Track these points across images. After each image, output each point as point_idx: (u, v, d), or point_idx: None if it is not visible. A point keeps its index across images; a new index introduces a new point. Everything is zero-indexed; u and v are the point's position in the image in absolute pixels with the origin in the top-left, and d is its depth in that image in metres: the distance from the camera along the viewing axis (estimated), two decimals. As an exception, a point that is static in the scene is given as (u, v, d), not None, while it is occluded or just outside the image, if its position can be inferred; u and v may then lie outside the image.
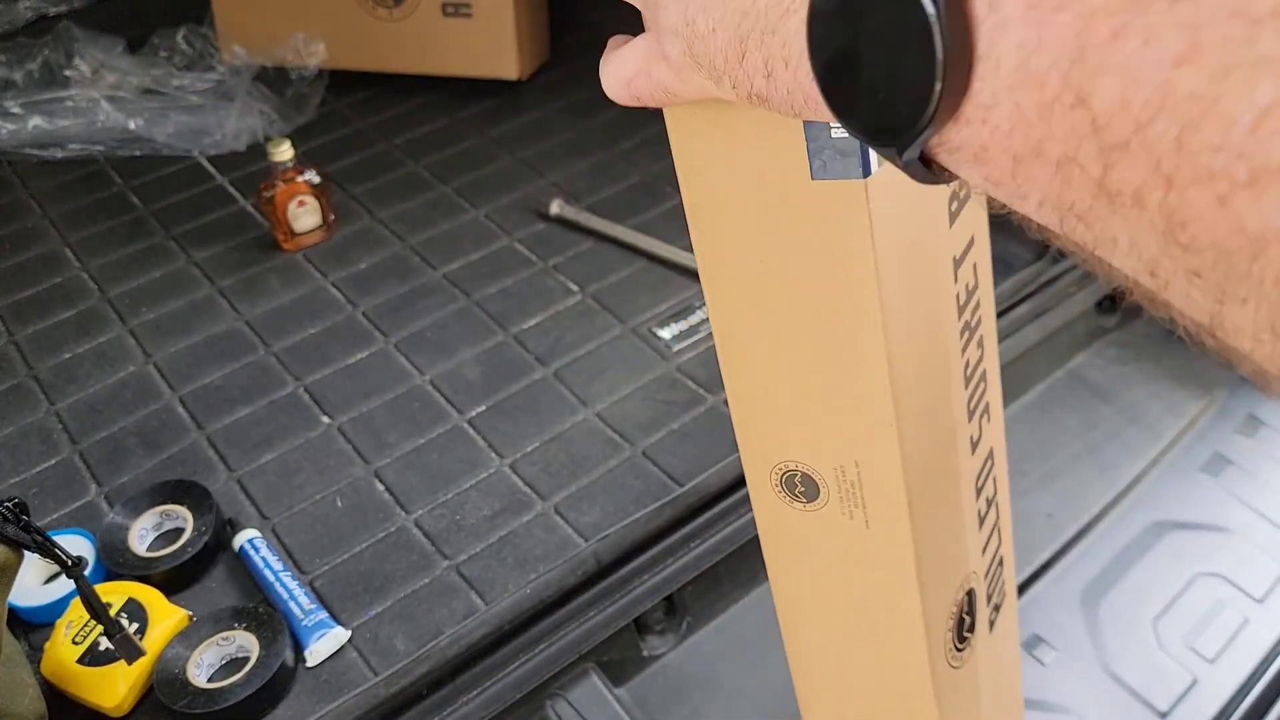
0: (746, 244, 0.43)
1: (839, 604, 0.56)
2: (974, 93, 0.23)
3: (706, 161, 0.42)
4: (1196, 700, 0.85)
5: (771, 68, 0.29)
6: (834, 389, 0.45)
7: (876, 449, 0.46)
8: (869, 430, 0.45)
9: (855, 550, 0.51)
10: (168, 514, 0.95)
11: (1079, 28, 0.20)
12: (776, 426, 0.49)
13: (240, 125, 1.45)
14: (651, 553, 0.93)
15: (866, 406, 0.45)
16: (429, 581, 0.91)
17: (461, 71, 1.53)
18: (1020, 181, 0.23)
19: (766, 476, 0.51)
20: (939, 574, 0.52)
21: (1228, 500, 0.99)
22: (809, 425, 0.48)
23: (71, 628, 0.84)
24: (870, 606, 0.54)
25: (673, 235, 1.26)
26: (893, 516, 0.48)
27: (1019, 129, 0.22)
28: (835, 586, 0.55)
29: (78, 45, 1.50)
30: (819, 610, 0.58)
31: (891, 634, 0.54)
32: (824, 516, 0.51)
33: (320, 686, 0.84)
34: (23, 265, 1.29)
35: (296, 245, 1.29)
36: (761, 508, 0.54)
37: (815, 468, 0.49)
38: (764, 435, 0.50)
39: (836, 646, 0.60)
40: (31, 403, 1.10)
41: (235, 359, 1.14)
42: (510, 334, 1.15)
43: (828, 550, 0.53)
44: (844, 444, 0.47)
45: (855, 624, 0.56)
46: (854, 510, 0.49)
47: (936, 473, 0.50)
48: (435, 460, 1.01)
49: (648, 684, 0.89)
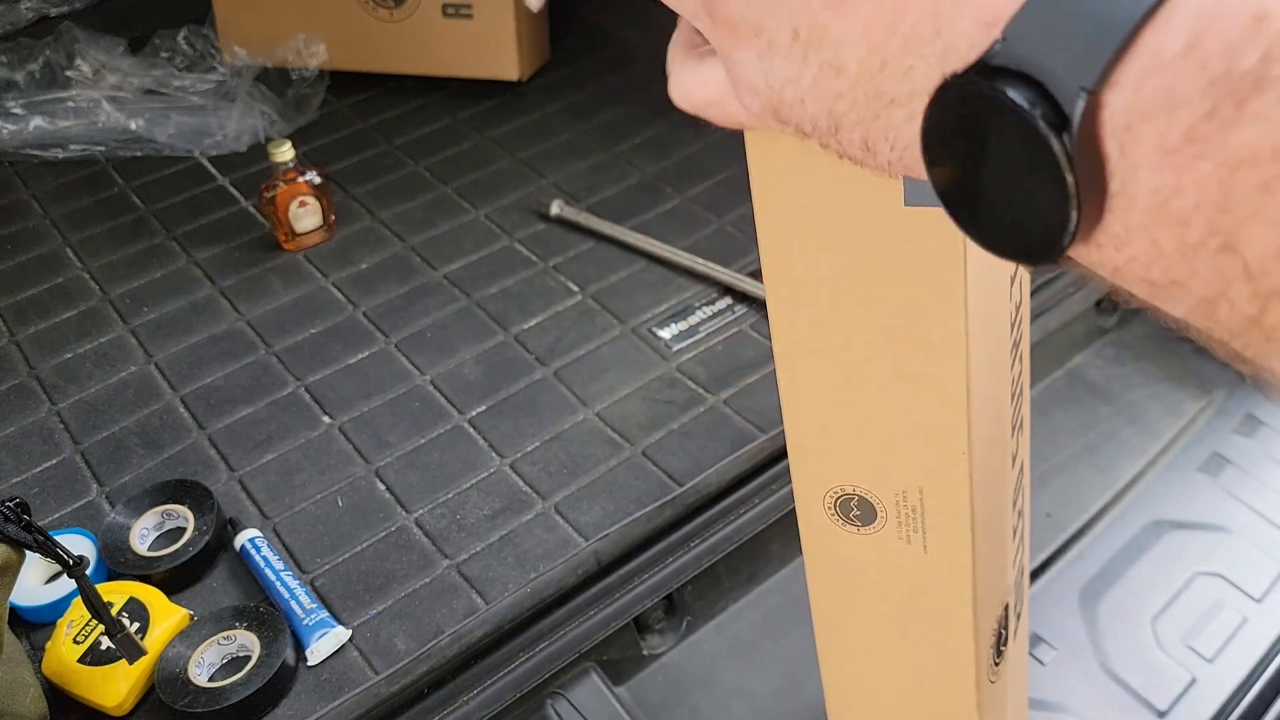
0: (823, 268, 0.41)
1: (886, 624, 0.55)
2: (1106, 224, 0.23)
3: (786, 180, 0.40)
4: (1195, 699, 0.86)
5: (873, 145, 0.27)
6: (907, 417, 0.44)
7: (945, 477, 0.45)
8: (940, 459, 0.44)
9: (910, 574, 0.50)
10: (169, 513, 0.95)
11: (1223, 176, 0.20)
12: (837, 451, 0.48)
13: (241, 126, 1.45)
14: (651, 552, 0.93)
15: (941, 436, 0.44)
16: (429, 581, 0.91)
17: (462, 72, 1.54)
18: (1160, 300, 0.23)
19: (820, 498, 0.50)
20: (989, 594, 0.52)
21: (1226, 500, 0.99)
22: (873, 451, 0.47)
23: (73, 627, 0.85)
24: (920, 627, 0.53)
25: (672, 236, 1.26)
26: (955, 542, 0.47)
27: (1157, 263, 0.22)
28: (884, 607, 0.54)
29: (79, 46, 1.50)
30: (863, 630, 0.57)
31: (941, 654, 0.54)
32: (879, 540, 0.50)
33: (321, 685, 0.84)
34: (24, 265, 1.29)
35: (297, 245, 1.29)
36: (810, 528, 0.53)
37: (875, 493, 0.48)
38: (821, 459, 0.49)
39: (879, 665, 0.59)
40: (33, 402, 1.10)
41: (236, 359, 1.14)
42: (510, 334, 1.16)
43: (879, 573, 0.51)
44: (910, 471, 0.46)
45: (902, 643, 0.56)
46: (912, 535, 0.48)
47: (994, 495, 0.49)
48: (436, 460, 1.02)
49: (648, 683, 0.90)
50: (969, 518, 0.46)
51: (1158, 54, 0.21)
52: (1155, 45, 0.21)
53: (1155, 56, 0.21)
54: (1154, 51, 0.21)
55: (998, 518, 0.51)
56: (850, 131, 0.27)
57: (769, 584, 0.97)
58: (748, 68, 0.28)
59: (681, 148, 1.43)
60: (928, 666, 0.56)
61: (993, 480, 0.48)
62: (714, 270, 1.19)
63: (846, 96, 0.26)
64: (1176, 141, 0.21)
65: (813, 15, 0.26)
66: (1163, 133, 0.21)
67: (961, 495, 0.45)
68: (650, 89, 1.55)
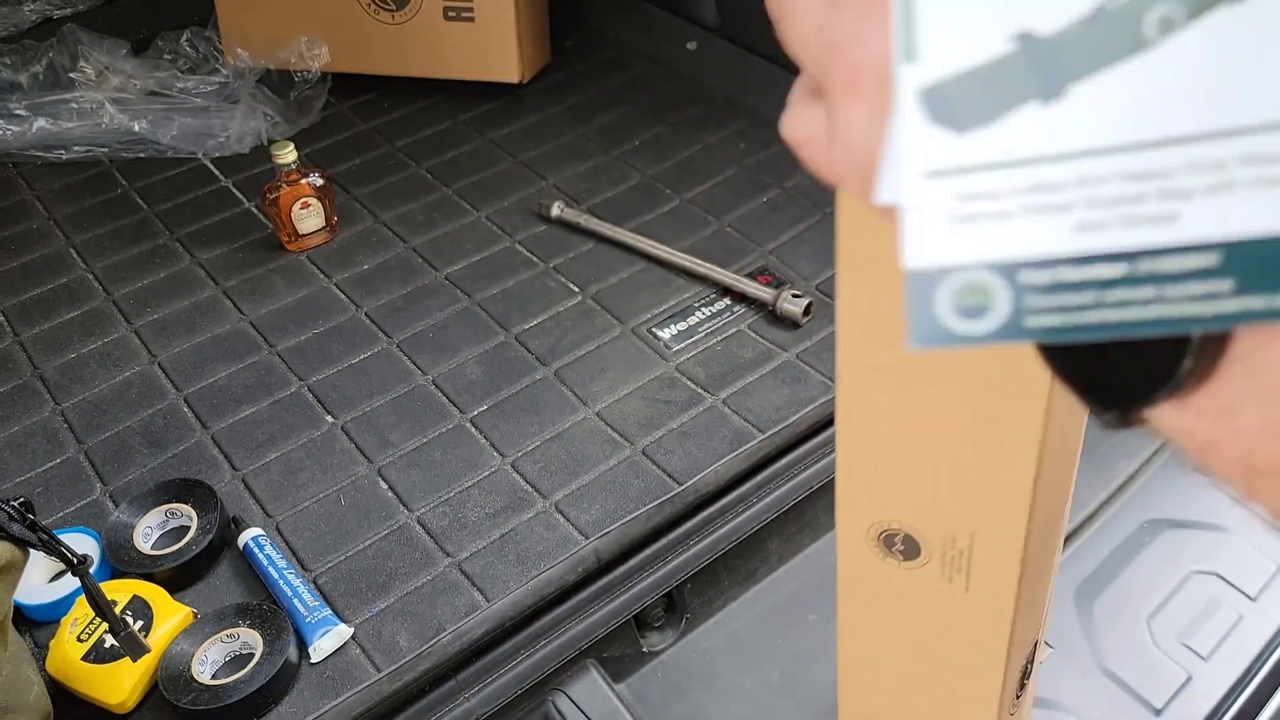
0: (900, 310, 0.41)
1: (914, 655, 0.55)
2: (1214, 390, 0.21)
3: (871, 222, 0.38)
4: (1191, 697, 0.86)
5: None
6: (972, 465, 0.43)
7: (1001, 527, 0.44)
8: (999, 511, 0.44)
9: (947, 612, 0.50)
10: (172, 512, 0.96)
11: None
12: (889, 489, 0.47)
13: (244, 128, 1.46)
14: (651, 550, 0.94)
15: (1004, 489, 0.43)
16: (431, 579, 0.91)
17: (463, 74, 1.54)
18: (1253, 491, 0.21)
19: (864, 531, 0.50)
20: (1024, 635, 0.51)
21: (1222, 499, 1.00)
22: (928, 494, 0.46)
23: (77, 625, 0.85)
24: (950, 662, 0.53)
25: (672, 237, 1.27)
26: (999, 588, 0.47)
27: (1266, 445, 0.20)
28: (914, 639, 0.53)
29: (82, 48, 1.51)
30: (889, 657, 0.57)
31: (967, 690, 0.53)
32: (919, 576, 0.49)
33: (324, 683, 0.85)
34: (28, 266, 1.30)
35: (300, 247, 1.30)
36: (849, 556, 0.52)
37: (923, 532, 0.47)
38: (871, 494, 0.48)
39: (901, 693, 0.58)
40: (37, 402, 1.11)
41: (239, 359, 1.15)
42: (511, 334, 1.16)
43: (915, 607, 0.51)
44: (966, 517, 0.45)
45: (928, 675, 0.55)
46: (955, 575, 0.48)
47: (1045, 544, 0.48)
48: (437, 459, 1.02)
49: (647, 679, 0.90)
50: (1018, 570, 0.45)
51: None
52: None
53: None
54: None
55: (1044, 565, 0.50)
56: None
57: (767, 582, 0.97)
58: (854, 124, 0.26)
59: (681, 150, 1.43)
60: (951, 700, 0.56)
61: (1046, 530, 0.47)
62: (713, 271, 1.20)
63: None
64: None
65: None
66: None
67: (1014, 547, 0.45)
68: (650, 91, 1.56)
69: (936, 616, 0.51)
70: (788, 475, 1.00)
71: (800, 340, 1.12)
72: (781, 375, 1.08)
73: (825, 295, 1.17)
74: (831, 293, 1.17)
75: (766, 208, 1.31)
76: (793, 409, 1.03)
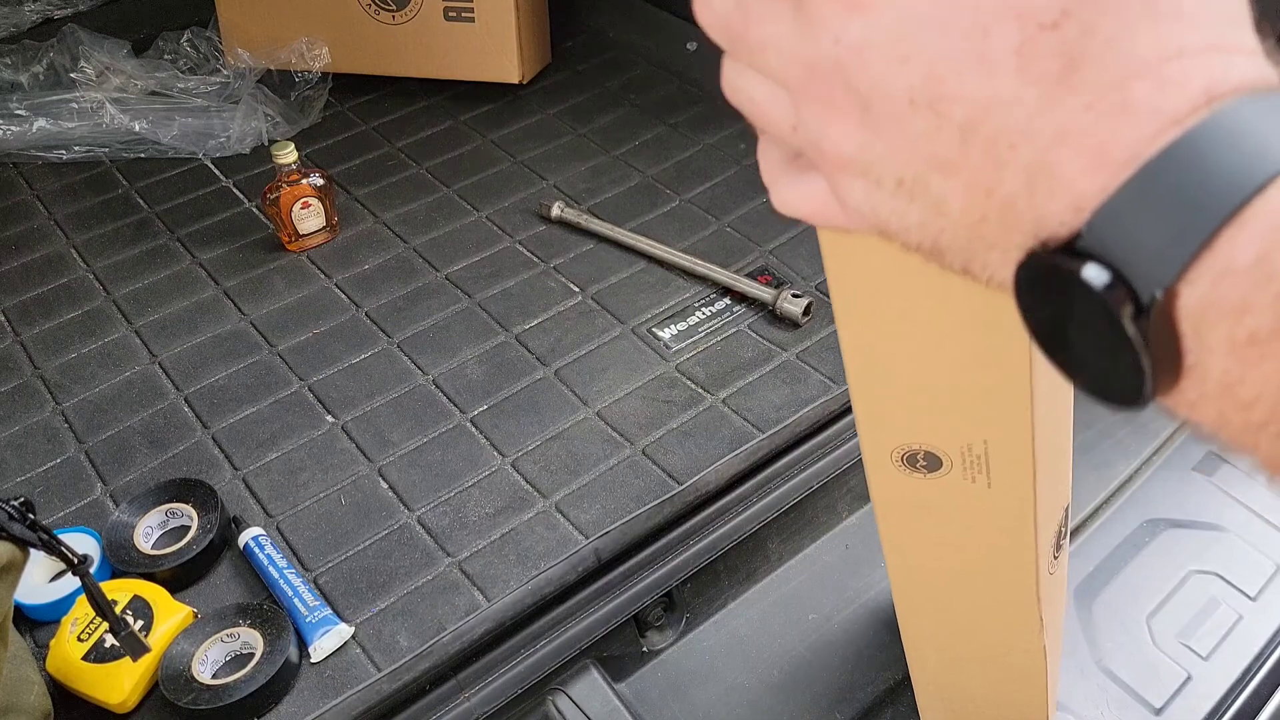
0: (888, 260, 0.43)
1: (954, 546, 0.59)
2: (1183, 389, 0.25)
3: None
4: (1190, 697, 0.86)
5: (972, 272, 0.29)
6: (971, 384, 0.47)
7: (1010, 427, 0.48)
8: (1004, 418, 0.48)
9: (977, 506, 0.54)
10: (173, 512, 0.96)
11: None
12: (903, 416, 0.51)
13: (245, 128, 1.46)
14: (651, 550, 0.94)
15: (1007, 397, 0.46)
16: (431, 578, 0.91)
17: (464, 75, 1.54)
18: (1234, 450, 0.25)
19: (887, 455, 0.54)
20: (1049, 509, 0.56)
21: (1221, 498, 1.00)
22: (939, 415, 0.50)
23: (77, 625, 0.85)
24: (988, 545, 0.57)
25: (672, 237, 1.27)
26: (1019, 478, 0.51)
27: (1225, 431, 0.24)
28: (950, 530, 0.58)
29: (83, 48, 1.51)
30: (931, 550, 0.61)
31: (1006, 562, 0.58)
32: (945, 483, 0.53)
33: (324, 682, 0.85)
34: (28, 266, 1.30)
35: (300, 247, 1.30)
36: (879, 479, 0.57)
37: (941, 448, 0.51)
38: (888, 423, 0.53)
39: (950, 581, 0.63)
40: (38, 402, 1.11)
41: (240, 359, 1.15)
42: (512, 334, 1.16)
43: (946, 508, 0.55)
44: (975, 428, 0.49)
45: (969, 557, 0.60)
46: (977, 476, 0.52)
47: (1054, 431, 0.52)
48: (438, 458, 1.02)
49: (647, 679, 0.90)
50: (1031, 461, 0.49)
51: (1230, 262, 0.23)
52: (1229, 254, 0.23)
53: (1228, 263, 0.23)
54: (1227, 259, 0.23)
55: (1058, 449, 0.54)
56: (953, 258, 0.29)
57: (767, 581, 0.97)
58: (855, 196, 0.29)
59: (680, 150, 1.43)
60: (997, 576, 0.60)
61: (1053, 420, 0.51)
62: (713, 271, 1.20)
63: (949, 232, 0.28)
64: (1243, 341, 0.23)
65: (916, 169, 0.27)
66: (1231, 331, 0.23)
67: (1025, 442, 0.48)
68: (649, 92, 1.56)
69: (968, 512, 0.55)
70: (788, 475, 1.00)
71: (800, 340, 1.12)
72: (781, 375, 1.08)
73: (825, 295, 1.17)
74: (831, 293, 1.17)
75: (766, 208, 1.31)
76: (792, 409, 1.03)
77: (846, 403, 1.05)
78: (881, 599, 0.94)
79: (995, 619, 0.65)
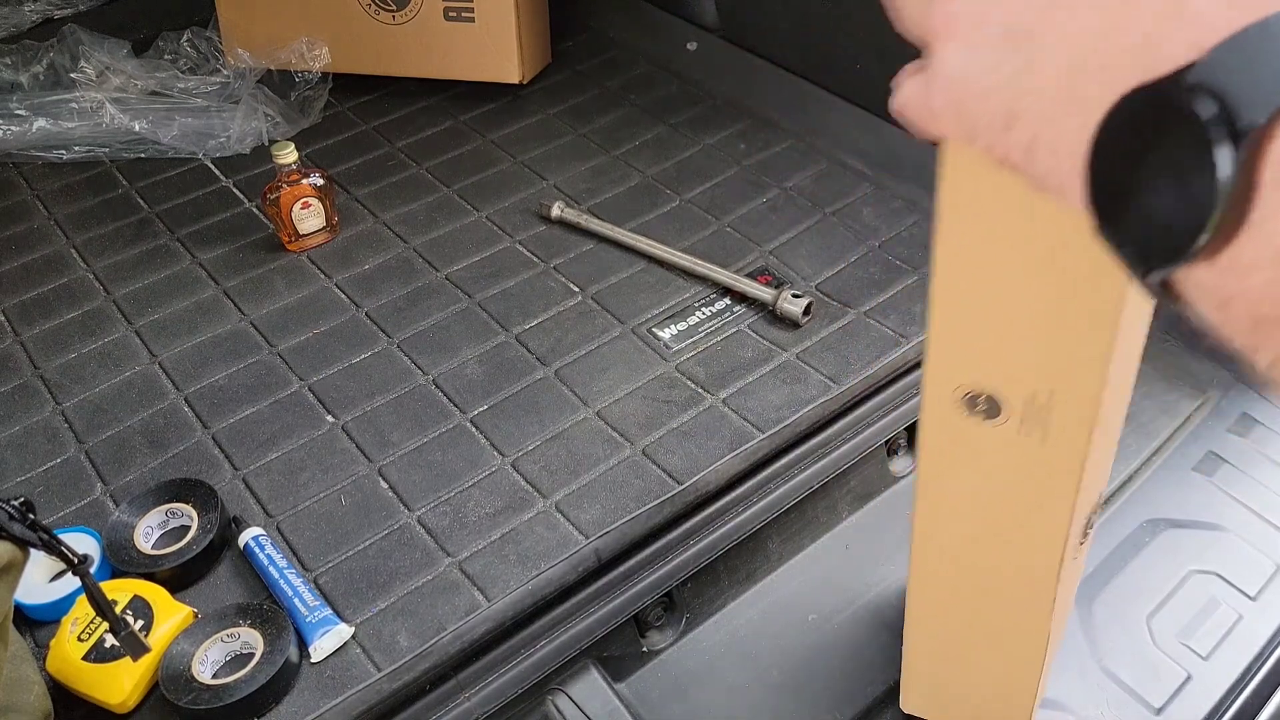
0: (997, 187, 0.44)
1: (990, 505, 0.59)
2: (1237, 248, 0.25)
3: None
4: (1190, 696, 0.86)
5: (1034, 149, 0.29)
6: (1055, 326, 0.47)
7: (1080, 381, 0.48)
8: (1079, 365, 0.48)
9: (1023, 465, 0.54)
10: (173, 512, 0.96)
11: None
12: (978, 350, 0.51)
13: (245, 128, 1.46)
14: (651, 549, 0.94)
15: (1086, 346, 0.46)
16: (432, 578, 0.91)
17: (464, 75, 1.54)
18: (1257, 340, 0.25)
19: (949, 393, 0.54)
20: (1092, 486, 0.56)
21: (1221, 498, 1.00)
22: (1013, 354, 0.50)
23: (77, 625, 0.85)
24: (1024, 510, 0.58)
25: (672, 237, 1.27)
26: (1074, 440, 0.51)
27: (1269, 299, 0.24)
28: (990, 490, 0.58)
29: (83, 48, 1.51)
30: (965, 508, 0.61)
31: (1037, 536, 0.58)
32: (998, 433, 0.54)
33: (324, 682, 0.85)
34: (28, 266, 1.30)
35: (300, 247, 1.30)
36: (932, 418, 0.57)
37: (1004, 392, 0.52)
38: (960, 356, 0.52)
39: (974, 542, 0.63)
40: (38, 402, 1.11)
41: (240, 359, 1.15)
42: (512, 334, 1.16)
43: (993, 461, 0.56)
44: (1045, 375, 0.49)
45: (1001, 520, 0.60)
46: (1033, 429, 0.52)
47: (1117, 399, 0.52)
48: (438, 458, 1.02)
49: (647, 679, 0.90)
50: (1093, 422, 0.49)
51: None
52: None
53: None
54: None
55: (1114, 421, 0.55)
56: (1021, 131, 0.29)
57: (767, 581, 0.97)
58: (950, 60, 0.31)
59: (681, 150, 1.43)
60: (1022, 547, 0.60)
61: (1119, 386, 0.51)
62: (713, 271, 1.20)
63: (1032, 94, 0.28)
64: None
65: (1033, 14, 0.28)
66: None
67: (1092, 400, 0.49)
68: (650, 92, 1.56)
69: (1012, 469, 0.56)
70: (787, 475, 1.00)
71: (800, 340, 1.12)
72: (781, 375, 1.08)
73: (825, 295, 1.17)
74: (830, 293, 1.17)
75: (766, 208, 1.31)
76: (792, 409, 1.03)
77: (847, 403, 1.05)
78: (882, 599, 0.94)
79: (1010, 592, 0.65)
